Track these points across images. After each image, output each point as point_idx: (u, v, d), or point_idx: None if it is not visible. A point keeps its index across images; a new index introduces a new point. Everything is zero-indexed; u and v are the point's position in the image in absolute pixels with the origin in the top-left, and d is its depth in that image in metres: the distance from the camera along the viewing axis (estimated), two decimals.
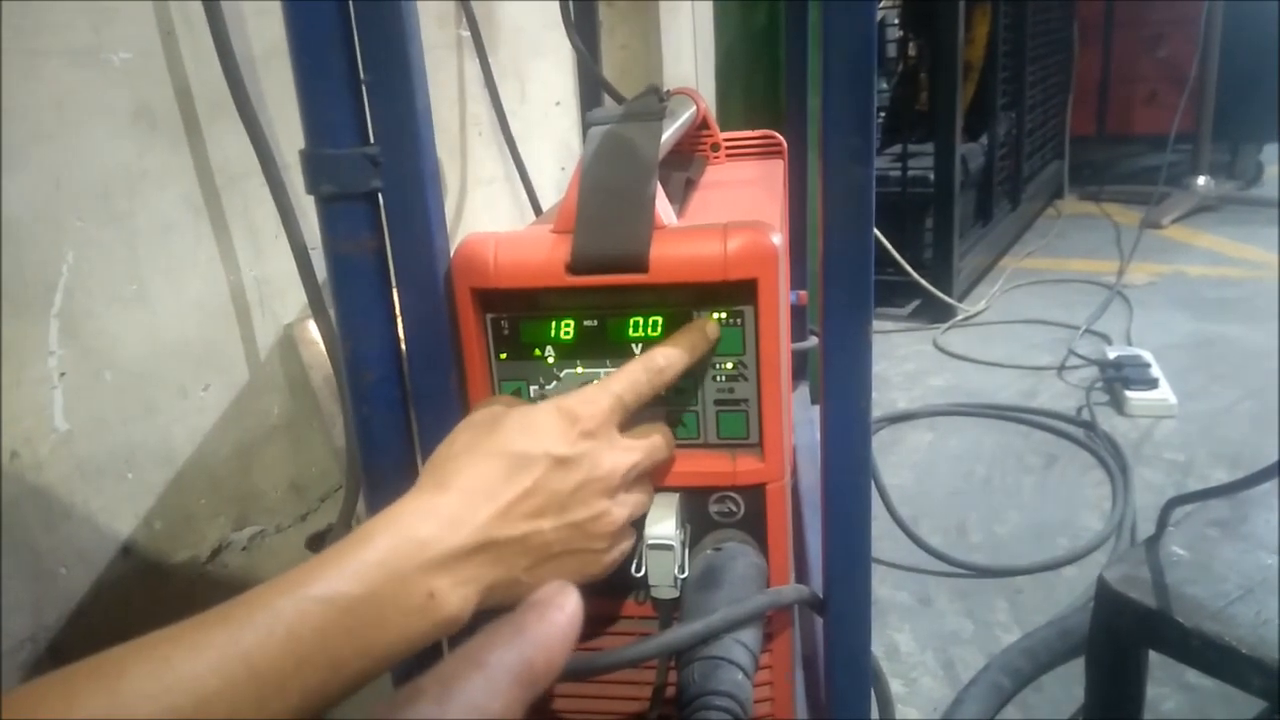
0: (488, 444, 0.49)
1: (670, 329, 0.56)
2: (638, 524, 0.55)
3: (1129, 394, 1.96)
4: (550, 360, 0.57)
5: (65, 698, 0.33)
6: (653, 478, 0.56)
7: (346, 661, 0.39)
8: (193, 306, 1.00)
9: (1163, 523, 0.84)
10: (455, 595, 0.43)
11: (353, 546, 0.42)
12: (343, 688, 0.39)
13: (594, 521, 0.50)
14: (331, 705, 0.39)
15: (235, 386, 1.06)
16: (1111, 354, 2.16)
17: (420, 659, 0.42)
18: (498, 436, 0.49)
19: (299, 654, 0.37)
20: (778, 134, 1.01)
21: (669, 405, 0.57)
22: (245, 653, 0.36)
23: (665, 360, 0.53)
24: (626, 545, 0.54)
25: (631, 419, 0.54)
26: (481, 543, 0.45)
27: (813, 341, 1.37)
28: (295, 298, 1.11)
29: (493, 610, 0.45)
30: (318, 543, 1.16)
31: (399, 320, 0.57)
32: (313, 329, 1.08)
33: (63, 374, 0.88)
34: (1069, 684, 1.17)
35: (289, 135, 0.99)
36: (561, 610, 0.43)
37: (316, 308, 0.91)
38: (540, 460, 0.48)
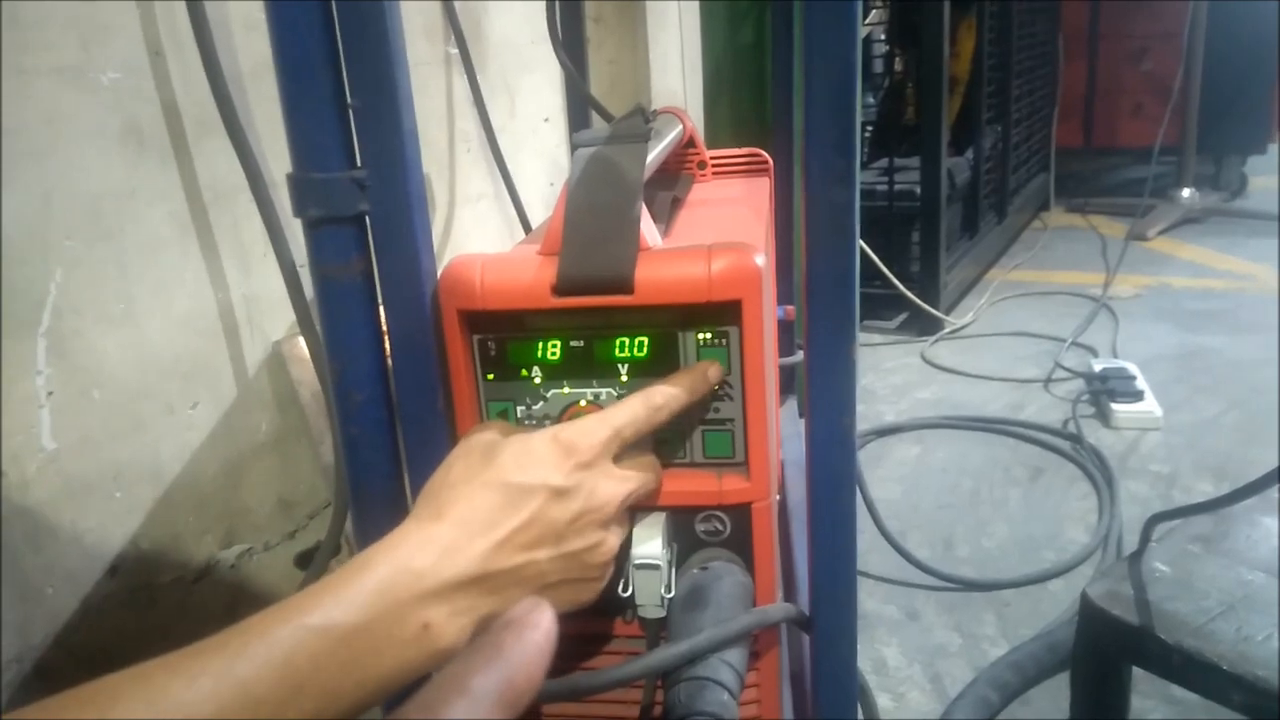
0: (485, 474, 0.49)
1: (656, 350, 0.56)
2: (622, 546, 0.55)
3: (1115, 406, 1.97)
4: (537, 381, 0.58)
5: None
6: (640, 505, 0.57)
7: (342, 691, 0.39)
8: (181, 324, 1.01)
9: (1145, 539, 0.84)
10: (451, 626, 0.43)
11: (350, 575, 0.42)
12: (342, 712, 0.39)
13: (590, 552, 0.50)
14: None
15: (223, 404, 1.06)
16: (1097, 366, 2.17)
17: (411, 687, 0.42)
18: (495, 467, 0.49)
19: (294, 683, 0.37)
20: (764, 152, 1.02)
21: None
22: (241, 681, 0.36)
23: (664, 398, 0.54)
24: (611, 571, 0.54)
25: (625, 451, 0.54)
26: (479, 574, 0.45)
27: (800, 356, 1.38)
28: (284, 315, 1.11)
29: None
30: (306, 560, 1.16)
31: (386, 341, 0.58)
32: (302, 346, 1.09)
33: (50, 393, 0.88)
34: (1056, 697, 1.17)
35: (277, 153, 1.00)
36: (537, 628, 0.43)
37: (305, 325, 0.91)
38: (538, 491, 0.48)
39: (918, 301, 2.56)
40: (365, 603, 0.41)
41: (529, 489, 0.48)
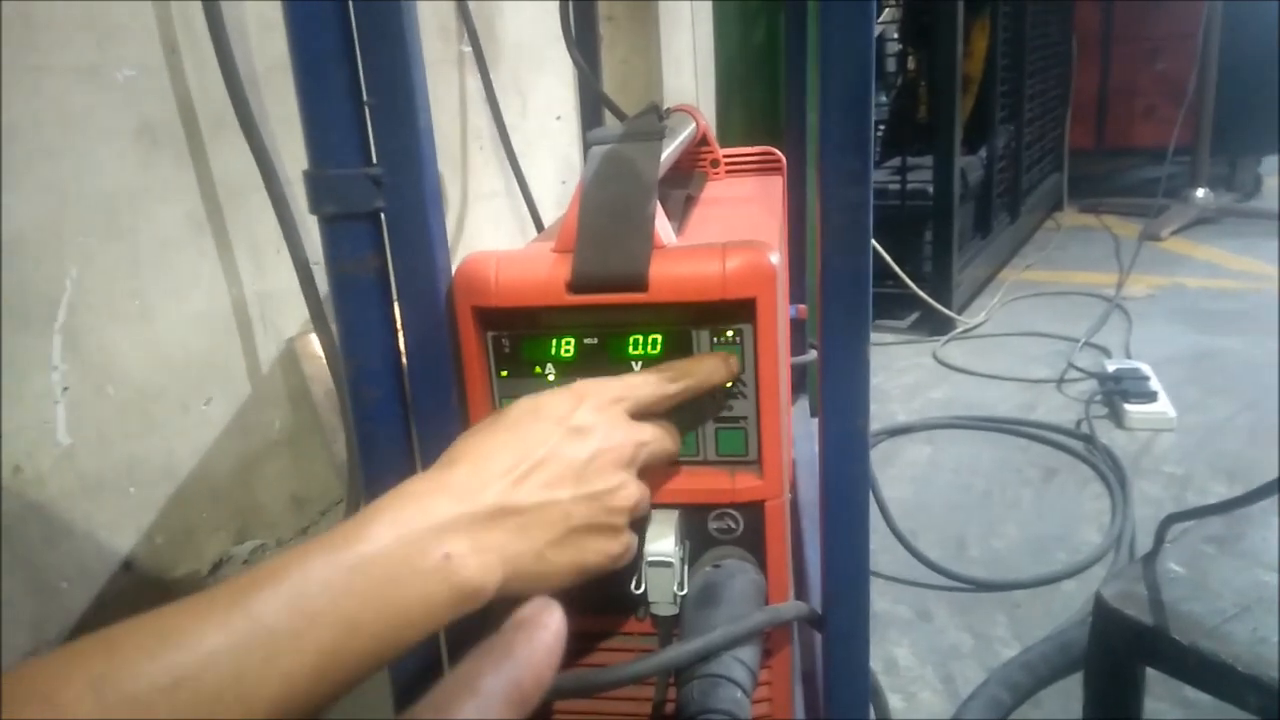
0: (498, 424, 0.49)
1: (669, 347, 0.56)
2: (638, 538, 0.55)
3: (1128, 407, 1.96)
4: (551, 378, 0.58)
5: (66, 663, 0.32)
6: (654, 485, 0.56)
7: (362, 621, 0.39)
8: (195, 321, 1.01)
9: (1159, 539, 0.84)
10: (474, 560, 0.43)
11: (360, 518, 0.42)
12: (366, 650, 0.39)
13: (613, 494, 0.50)
14: (363, 670, 0.39)
15: (237, 400, 1.07)
16: (1110, 367, 2.16)
17: (422, 683, 0.42)
18: (507, 417, 0.49)
19: (308, 611, 0.37)
20: (777, 150, 1.02)
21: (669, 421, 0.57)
22: (251, 611, 0.36)
23: (677, 373, 0.54)
24: (633, 541, 0.54)
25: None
26: (498, 507, 0.45)
27: (812, 355, 1.37)
28: (297, 312, 1.11)
29: (511, 606, 0.44)
30: None
31: (401, 338, 0.58)
32: (314, 343, 1.09)
33: (65, 389, 0.89)
34: (1068, 698, 1.17)
35: (291, 151, 1.00)
36: (547, 629, 0.43)
37: (318, 322, 0.91)
38: (552, 430, 0.48)
39: (930, 301, 2.55)
40: (377, 535, 0.40)
41: (542, 428, 0.48)
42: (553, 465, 0.48)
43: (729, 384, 0.56)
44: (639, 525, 0.55)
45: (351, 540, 0.40)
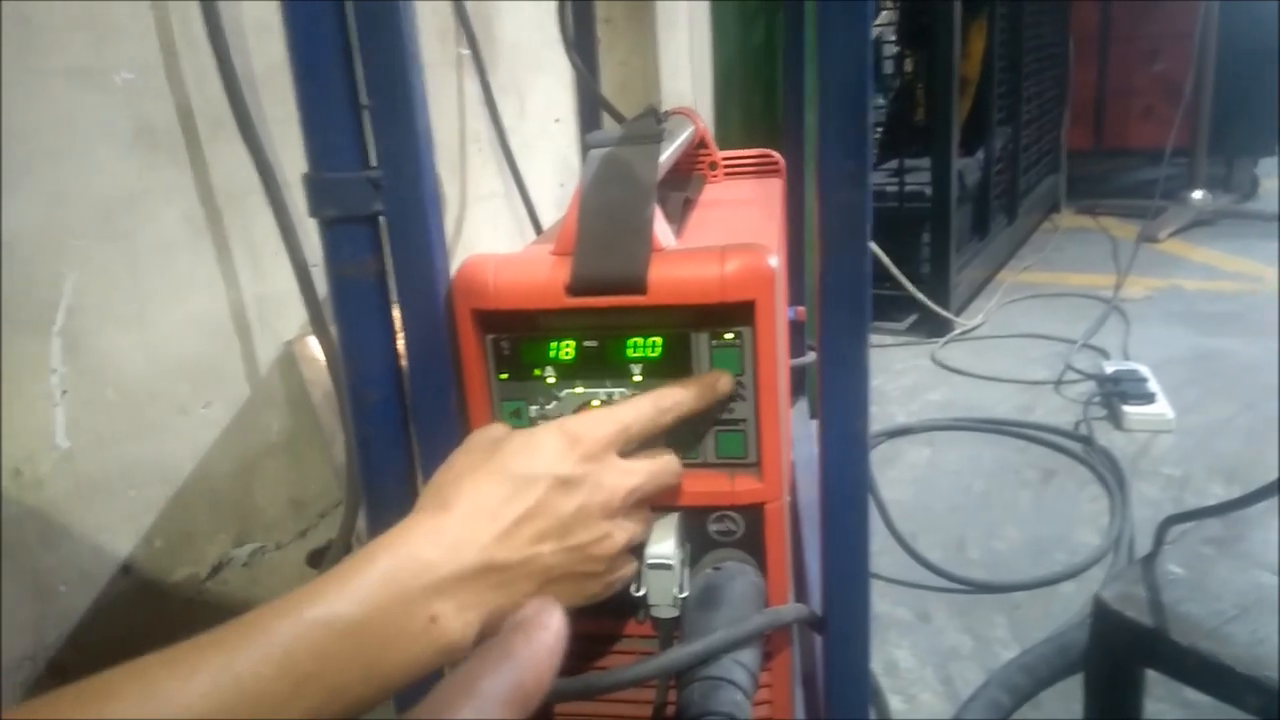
0: (490, 465, 0.49)
1: (669, 350, 0.56)
2: (637, 549, 0.55)
3: (1126, 409, 1.96)
4: (550, 380, 0.58)
5: (51, 715, 0.32)
6: (658, 501, 0.56)
7: (347, 685, 0.38)
8: (193, 324, 1.01)
9: (1159, 541, 0.84)
10: (458, 620, 0.43)
11: (354, 568, 0.41)
12: (345, 711, 0.38)
13: (594, 545, 0.50)
14: None
15: (236, 403, 1.06)
16: (1109, 368, 2.16)
17: (423, 685, 0.42)
18: (499, 457, 0.49)
19: (296, 677, 0.37)
20: (775, 153, 1.02)
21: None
22: (239, 676, 0.35)
23: (673, 401, 0.54)
24: (626, 571, 0.54)
25: (635, 450, 0.54)
26: (485, 565, 0.45)
27: (811, 357, 1.37)
28: (296, 314, 1.11)
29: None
30: (318, 559, 1.16)
31: (400, 340, 0.58)
32: (313, 345, 1.09)
33: (64, 392, 0.89)
34: (1068, 700, 1.17)
35: (290, 153, 1.00)
36: (547, 629, 0.43)
37: (317, 325, 0.91)
38: (542, 480, 0.48)
39: (928, 303, 2.55)
40: (370, 595, 0.40)
41: (533, 478, 0.48)
42: (539, 520, 0.47)
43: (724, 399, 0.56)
44: (637, 550, 0.55)
45: (344, 595, 0.40)
